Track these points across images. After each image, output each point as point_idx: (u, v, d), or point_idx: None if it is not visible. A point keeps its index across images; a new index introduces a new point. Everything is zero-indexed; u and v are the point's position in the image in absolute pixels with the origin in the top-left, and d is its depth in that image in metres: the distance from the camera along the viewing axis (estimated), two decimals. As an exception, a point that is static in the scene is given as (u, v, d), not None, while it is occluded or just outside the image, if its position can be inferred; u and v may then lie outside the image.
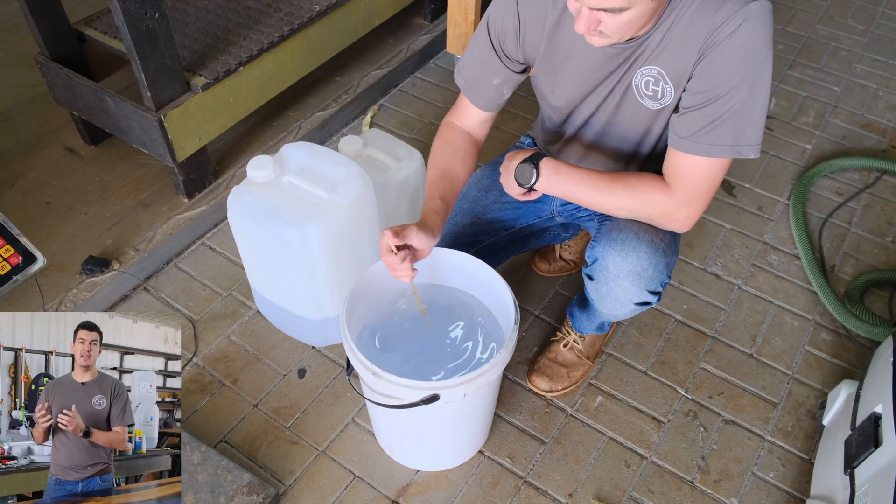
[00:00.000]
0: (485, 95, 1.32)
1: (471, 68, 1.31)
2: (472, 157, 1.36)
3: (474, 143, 1.37)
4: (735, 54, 1.06)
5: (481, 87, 1.31)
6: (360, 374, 1.22)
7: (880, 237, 2.01)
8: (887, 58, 2.65)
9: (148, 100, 1.73)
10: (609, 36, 1.08)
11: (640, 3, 1.01)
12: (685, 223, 1.19)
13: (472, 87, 1.32)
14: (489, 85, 1.30)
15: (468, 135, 1.36)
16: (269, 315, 1.73)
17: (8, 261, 1.15)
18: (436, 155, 1.33)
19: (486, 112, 1.34)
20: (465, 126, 1.37)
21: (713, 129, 1.11)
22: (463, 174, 1.33)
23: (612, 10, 1.02)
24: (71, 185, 2.01)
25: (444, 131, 1.37)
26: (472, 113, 1.35)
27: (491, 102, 1.33)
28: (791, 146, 2.28)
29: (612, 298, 1.28)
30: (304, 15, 2.04)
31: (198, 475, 1.40)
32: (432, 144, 1.35)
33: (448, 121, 1.38)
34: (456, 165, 1.32)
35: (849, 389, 1.46)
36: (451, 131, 1.36)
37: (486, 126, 1.38)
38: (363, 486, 1.47)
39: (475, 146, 1.37)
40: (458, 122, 1.37)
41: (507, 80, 1.30)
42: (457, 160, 1.32)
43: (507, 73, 1.29)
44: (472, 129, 1.37)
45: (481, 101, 1.33)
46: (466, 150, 1.34)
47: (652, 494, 1.47)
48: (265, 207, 1.42)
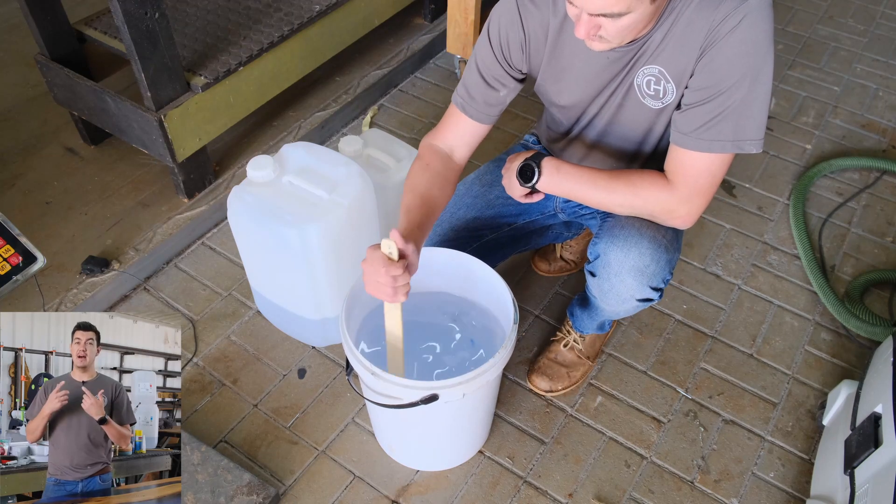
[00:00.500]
0: (489, 109, 1.29)
1: (475, 84, 1.28)
2: (451, 185, 1.31)
3: (454, 170, 1.32)
4: (736, 50, 1.06)
5: (486, 100, 1.28)
6: (360, 374, 1.23)
7: (880, 237, 2.01)
8: (887, 58, 2.65)
9: (148, 100, 1.73)
10: (609, 41, 1.07)
11: (639, 7, 1.01)
12: (687, 219, 1.19)
13: (477, 101, 1.28)
14: (495, 97, 1.28)
15: (449, 159, 1.32)
16: (269, 315, 1.73)
17: (8, 261, 1.15)
18: (416, 180, 1.27)
19: (483, 126, 1.31)
20: (449, 146, 1.32)
21: (714, 125, 1.11)
22: (441, 202, 1.28)
23: (612, 15, 1.01)
24: (71, 185, 2.01)
25: (425, 154, 1.31)
26: (463, 129, 1.31)
27: (493, 115, 1.30)
28: (791, 146, 2.28)
29: (615, 294, 1.28)
30: (304, 15, 2.04)
31: (198, 475, 1.40)
32: (411, 167, 1.30)
33: (429, 143, 1.33)
34: (434, 192, 1.26)
35: (849, 389, 1.46)
36: (432, 155, 1.31)
37: (473, 145, 1.33)
38: (363, 486, 1.47)
39: (455, 173, 1.33)
40: (441, 144, 1.32)
41: (512, 89, 1.29)
42: (435, 187, 1.27)
43: (513, 82, 1.28)
44: (457, 150, 1.32)
45: (483, 115, 1.29)
46: (446, 178, 1.30)
47: (652, 494, 1.47)
48: (265, 207, 1.43)
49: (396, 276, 1.10)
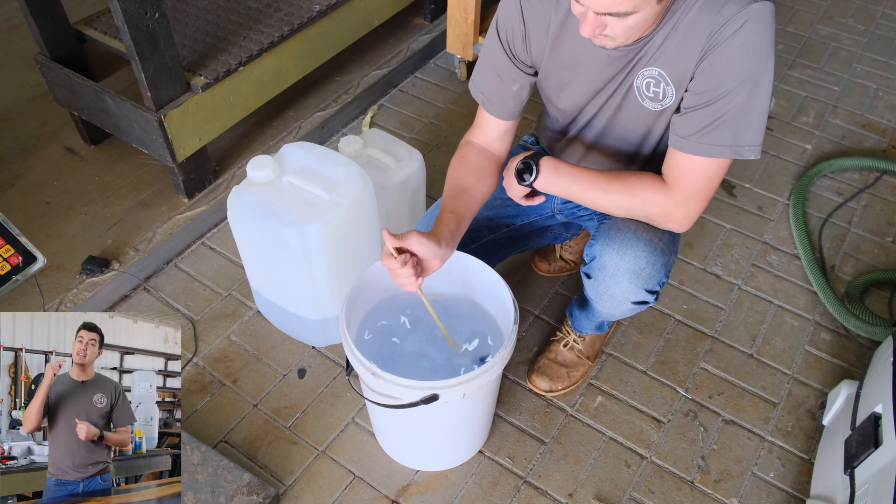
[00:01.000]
0: (505, 105, 1.30)
1: (487, 79, 1.29)
2: (490, 175, 1.33)
3: (493, 160, 1.34)
4: (737, 54, 1.06)
5: (500, 96, 1.29)
6: (360, 374, 1.23)
7: (880, 237, 2.01)
8: (887, 58, 2.65)
9: (148, 100, 1.73)
10: (615, 38, 1.08)
11: (646, 6, 1.01)
12: (683, 223, 1.19)
13: (491, 97, 1.29)
14: (508, 92, 1.28)
15: (486, 151, 1.34)
16: (269, 315, 1.73)
17: (8, 261, 1.15)
18: (451, 173, 1.31)
19: (507, 121, 1.32)
20: (484, 142, 1.34)
21: (713, 130, 1.10)
22: (480, 191, 1.30)
23: (618, 14, 1.01)
24: (71, 185, 2.01)
25: (461, 149, 1.34)
26: (491, 126, 1.33)
27: (511, 110, 1.31)
28: (791, 146, 2.28)
29: (610, 297, 1.28)
30: (304, 15, 2.04)
31: (198, 475, 1.40)
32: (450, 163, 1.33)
33: (466, 139, 1.36)
34: (470, 182, 1.29)
35: (849, 389, 1.46)
36: (468, 149, 1.34)
37: (507, 139, 1.35)
38: (363, 486, 1.47)
39: (494, 163, 1.34)
40: (476, 140, 1.35)
41: (525, 84, 1.29)
42: (471, 177, 1.30)
43: (523, 77, 1.28)
44: (491, 144, 1.34)
45: (501, 111, 1.30)
46: (483, 168, 1.32)
47: (652, 494, 1.47)
48: (265, 207, 1.43)
49: (393, 268, 1.15)
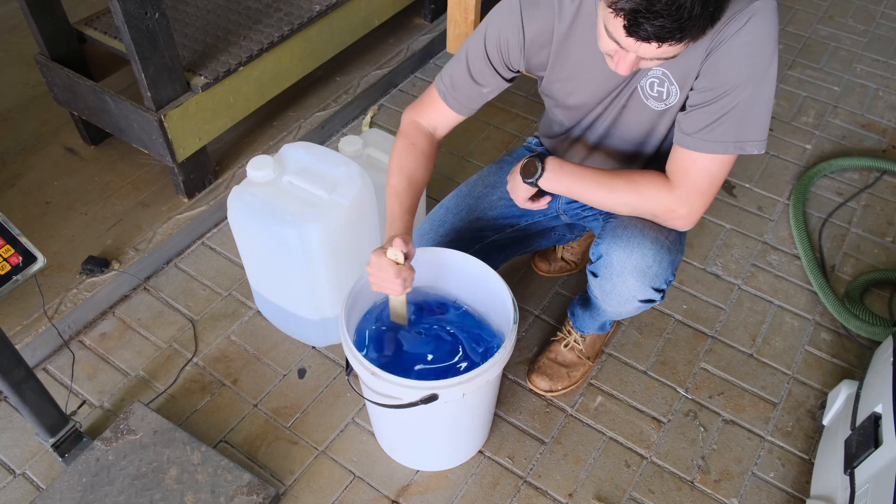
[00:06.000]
0: (470, 102, 1.30)
1: (460, 77, 1.28)
2: (432, 160, 1.34)
3: (435, 146, 1.35)
4: (741, 52, 1.07)
5: (468, 94, 1.29)
6: (360, 375, 1.23)
7: (880, 237, 2.01)
8: (887, 58, 2.65)
9: (148, 100, 1.73)
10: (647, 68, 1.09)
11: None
12: (687, 220, 1.19)
13: (458, 94, 1.29)
14: (477, 93, 1.29)
15: (432, 136, 1.34)
16: (269, 315, 1.73)
17: (8, 261, 1.15)
18: (403, 160, 1.29)
19: (461, 116, 1.33)
20: (432, 125, 1.34)
21: (718, 126, 1.11)
22: (426, 181, 1.31)
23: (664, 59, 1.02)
24: (71, 185, 2.01)
25: (409, 130, 1.33)
26: (445, 115, 1.33)
27: (472, 108, 1.32)
28: (791, 146, 2.28)
29: (616, 295, 1.28)
30: (304, 15, 2.04)
31: (198, 475, 1.40)
32: (396, 142, 1.32)
33: (413, 119, 1.35)
34: (420, 173, 1.29)
35: (849, 389, 1.46)
36: (416, 132, 1.33)
37: (452, 127, 1.36)
38: (363, 486, 1.47)
39: (436, 150, 1.35)
40: (424, 122, 1.34)
41: (496, 88, 1.29)
42: (421, 167, 1.30)
43: (500, 82, 1.28)
44: (438, 129, 1.35)
45: (463, 108, 1.31)
46: (429, 157, 1.32)
47: (652, 494, 1.47)
48: (265, 207, 1.43)
49: (406, 277, 1.18)
